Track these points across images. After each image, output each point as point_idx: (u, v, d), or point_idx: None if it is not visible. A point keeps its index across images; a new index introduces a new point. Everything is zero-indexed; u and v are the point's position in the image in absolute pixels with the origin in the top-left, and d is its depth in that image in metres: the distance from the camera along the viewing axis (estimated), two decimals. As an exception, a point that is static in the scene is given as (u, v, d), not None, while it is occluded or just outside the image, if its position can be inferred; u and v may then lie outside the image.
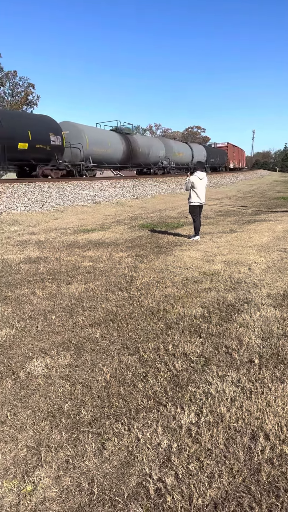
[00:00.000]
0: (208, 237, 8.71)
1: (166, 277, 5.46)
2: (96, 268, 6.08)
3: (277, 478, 1.84)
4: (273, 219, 11.56)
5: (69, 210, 13.69)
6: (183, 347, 3.28)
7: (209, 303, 4.33)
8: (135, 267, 6.06)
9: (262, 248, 7.18)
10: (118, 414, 2.39)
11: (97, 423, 2.31)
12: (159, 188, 22.51)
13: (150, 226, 10.73)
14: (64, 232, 9.78)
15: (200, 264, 6.20)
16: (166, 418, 2.33)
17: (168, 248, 7.60)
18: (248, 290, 4.75)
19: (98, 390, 2.67)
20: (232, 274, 5.51)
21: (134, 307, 4.28)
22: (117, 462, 2.00)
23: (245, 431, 2.18)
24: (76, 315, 4.07)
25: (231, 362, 3.00)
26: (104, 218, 12.59)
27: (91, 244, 8.13)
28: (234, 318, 3.86)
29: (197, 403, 2.47)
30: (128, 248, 7.60)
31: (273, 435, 2.13)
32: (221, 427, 2.22)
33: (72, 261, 6.58)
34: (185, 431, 2.20)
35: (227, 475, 1.86)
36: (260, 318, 3.82)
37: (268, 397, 2.49)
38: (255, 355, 3.07)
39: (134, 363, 3.03)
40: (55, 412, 2.44)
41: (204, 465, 1.94)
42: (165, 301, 4.46)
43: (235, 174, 41.21)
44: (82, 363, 3.05)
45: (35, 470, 1.97)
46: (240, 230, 9.73)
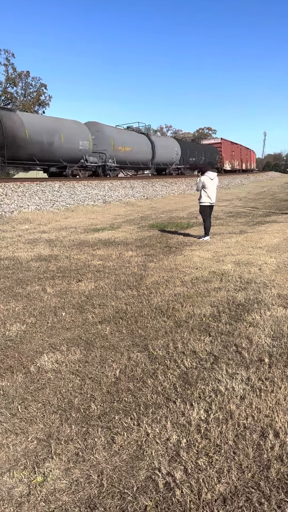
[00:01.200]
0: (218, 238, 8.68)
1: (175, 276, 5.46)
2: (106, 266, 6.11)
3: (286, 475, 1.83)
4: (283, 221, 11.47)
5: (80, 210, 13.78)
6: (192, 345, 3.28)
7: (218, 303, 4.32)
8: (144, 266, 6.08)
9: (272, 249, 7.13)
10: (127, 409, 2.40)
11: (106, 418, 2.33)
12: (169, 188, 22.51)
13: (160, 226, 10.73)
14: (74, 231, 9.85)
15: (209, 264, 6.19)
16: (175, 414, 2.34)
17: (178, 248, 7.59)
18: (258, 290, 4.72)
19: (108, 385, 2.69)
20: (242, 274, 5.49)
21: (144, 305, 4.29)
22: (126, 455, 2.01)
23: (254, 428, 2.17)
24: (86, 312, 4.10)
25: (240, 360, 2.99)
26: (114, 217, 12.63)
27: (101, 243, 8.17)
28: (244, 318, 3.85)
29: (206, 400, 2.47)
30: (137, 248, 7.62)
31: (283, 432, 2.12)
32: (230, 424, 2.21)
33: (82, 259, 6.62)
34: (194, 427, 2.21)
35: (236, 471, 1.86)
36: (270, 318, 3.80)
37: (278, 395, 2.48)
38: (265, 354, 3.06)
39: (143, 360, 3.04)
40: (65, 406, 2.46)
41: (213, 460, 1.94)
42: (174, 299, 4.47)
43: (246, 176, 41.00)
44: (92, 359, 3.07)
45: (45, 462, 2.00)
46: (250, 231, 9.67)
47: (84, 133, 20.23)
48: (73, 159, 19.51)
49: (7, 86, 43.99)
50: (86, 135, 20.18)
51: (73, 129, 19.51)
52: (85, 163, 20.12)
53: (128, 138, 24.26)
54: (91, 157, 20.67)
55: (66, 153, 18.58)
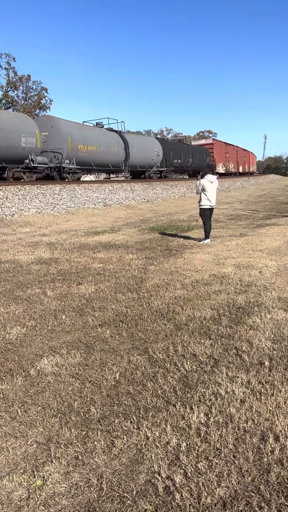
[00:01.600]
0: (218, 241, 8.68)
1: (175, 279, 5.46)
2: (106, 269, 6.11)
3: (286, 478, 1.83)
4: (284, 223, 11.47)
5: (80, 213, 13.80)
6: (192, 348, 3.27)
7: (219, 305, 4.31)
8: (145, 269, 6.08)
9: (273, 252, 7.13)
10: (127, 413, 2.40)
11: (106, 421, 2.33)
12: (169, 191, 22.54)
13: (160, 229, 10.74)
14: (75, 234, 9.86)
15: (210, 266, 6.19)
16: (175, 418, 2.33)
17: (178, 250, 7.60)
18: (258, 293, 4.72)
19: (108, 388, 2.68)
20: (242, 277, 5.48)
21: (144, 308, 4.29)
22: (126, 459, 2.00)
23: (254, 432, 2.17)
24: (86, 315, 4.10)
25: (241, 363, 2.98)
26: (114, 220, 12.65)
27: (101, 246, 8.18)
28: (244, 321, 3.84)
29: (206, 403, 2.47)
30: (138, 250, 7.63)
31: (283, 436, 2.12)
32: (230, 428, 2.21)
33: (82, 262, 6.63)
34: (194, 430, 2.20)
35: (236, 475, 1.86)
36: (271, 321, 3.80)
37: (278, 399, 2.47)
38: (265, 357, 3.05)
39: (143, 363, 3.03)
40: (64, 410, 2.46)
41: (213, 464, 1.93)
42: (174, 302, 4.46)
43: (246, 179, 41.06)
44: (92, 362, 3.07)
45: (44, 466, 1.99)
46: (251, 234, 9.67)
47: (29, 128, 16.49)
48: (14, 159, 16.08)
49: (8, 90, 44.20)
50: (31, 131, 16.50)
51: (12, 122, 15.87)
52: (31, 164, 16.68)
53: (93, 136, 20.46)
54: (39, 157, 17.28)
55: (1, 151, 15.21)
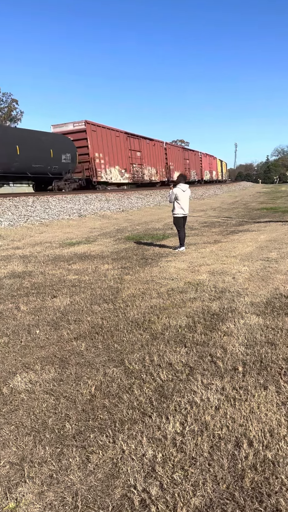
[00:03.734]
0: (193, 248, 8.79)
1: (151, 288, 5.48)
2: (82, 281, 6.07)
3: (260, 483, 1.85)
4: (256, 229, 11.75)
5: (54, 224, 13.67)
6: (168, 357, 3.29)
7: (194, 313, 4.36)
8: (120, 279, 6.07)
9: (245, 258, 7.28)
10: (103, 427, 2.37)
11: (81, 437, 2.29)
12: (144, 200, 22.69)
13: (136, 238, 10.78)
14: (49, 246, 9.75)
15: (185, 274, 6.25)
16: (151, 429, 2.33)
17: (154, 259, 7.64)
18: (232, 299, 4.80)
19: (83, 403, 2.65)
20: (216, 283, 5.57)
21: (120, 319, 4.28)
22: (101, 474, 1.98)
23: (229, 439, 2.19)
24: (61, 329, 4.05)
25: (215, 370, 3.02)
26: (89, 231, 12.60)
27: (77, 257, 8.12)
28: (218, 327, 3.90)
29: (182, 412, 2.48)
30: (114, 261, 7.62)
31: (257, 441, 2.15)
32: (205, 435, 2.22)
33: (57, 274, 6.55)
34: (170, 440, 2.20)
35: (211, 483, 1.87)
36: (244, 326, 3.87)
37: (251, 404, 2.51)
38: (239, 363, 3.10)
39: (119, 375, 3.02)
40: (38, 427, 2.41)
41: (189, 473, 1.94)
42: (150, 312, 4.48)
43: (219, 186, 41.90)
44: (67, 377, 3.03)
45: (18, 487, 1.94)
46: (224, 240, 9.86)
47: None
48: None
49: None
50: None
51: None
52: None
53: None
54: None
55: None
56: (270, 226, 12.38)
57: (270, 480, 1.87)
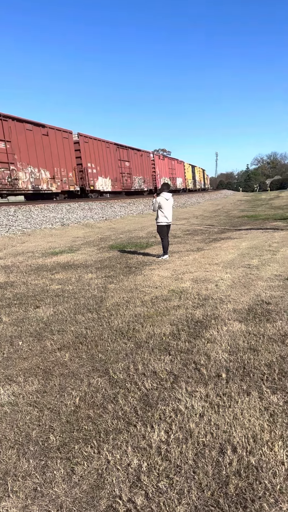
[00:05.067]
0: (176, 256, 8.86)
1: (135, 297, 5.50)
2: (65, 290, 6.03)
3: (244, 489, 1.88)
4: (237, 237, 11.95)
5: (37, 233, 13.55)
6: (152, 365, 3.30)
7: (178, 321, 4.39)
8: (104, 288, 6.07)
9: (228, 265, 7.39)
10: (87, 438, 2.36)
11: (66, 448, 2.27)
12: (127, 209, 22.76)
13: (120, 246, 10.79)
14: (32, 255, 9.65)
15: (169, 282, 6.29)
16: (136, 438, 2.33)
17: (138, 267, 7.66)
18: (215, 306, 4.86)
19: (67, 414, 2.63)
20: (200, 291, 5.63)
21: (104, 328, 4.27)
22: (86, 486, 1.97)
23: (213, 445, 2.21)
24: (44, 340, 4.01)
25: (199, 377, 3.05)
26: (73, 240, 12.54)
27: (60, 266, 8.07)
28: (202, 334, 3.94)
29: (166, 420, 2.49)
30: (97, 269, 7.60)
31: (240, 447, 2.18)
32: (190, 443, 2.24)
33: (40, 284, 6.49)
34: (155, 449, 2.21)
35: (196, 490, 1.88)
36: (227, 333, 3.92)
37: (235, 410, 2.54)
38: (223, 369, 3.14)
39: (103, 385, 3.01)
40: (22, 440, 2.37)
41: (174, 482, 1.95)
42: (135, 320, 4.48)
43: (201, 195, 42.45)
44: (51, 388, 3.00)
45: (1, 501, 1.90)
46: (207, 248, 9.97)
47: None
48: None
49: None
50: None
51: None
52: None
53: None
54: None
55: None
56: (251, 234, 12.61)
57: (253, 485, 1.90)
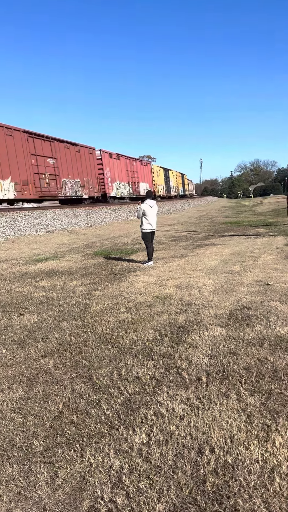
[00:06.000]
0: (161, 262, 8.98)
1: (120, 303, 5.57)
2: (50, 298, 6.06)
3: (220, 486, 1.97)
4: (221, 243, 12.16)
5: (21, 240, 13.49)
6: (135, 370, 3.37)
7: (161, 326, 4.48)
8: (89, 295, 6.12)
9: (211, 271, 7.54)
10: (70, 442, 2.42)
11: (49, 453, 2.33)
12: (113, 215, 22.85)
13: (105, 253, 10.85)
14: (16, 262, 9.62)
15: (153, 288, 6.39)
16: (118, 441, 2.40)
17: (122, 274, 7.74)
18: (197, 311, 4.98)
19: (51, 420, 2.68)
20: (183, 297, 5.74)
21: (88, 335, 4.33)
22: (69, 488, 2.03)
23: (192, 446, 2.30)
24: (28, 347, 4.04)
25: (181, 381, 3.14)
26: (57, 247, 12.53)
27: (44, 274, 8.07)
28: (184, 339, 4.04)
29: (148, 423, 2.57)
30: (82, 276, 7.65)
31: (218, 447, 2.27)
32: (170, 444, 2.32)
33: (24, 292, 6.50)
34: (136, 451, 2.28)
35: (174, 489, 1.96)
36: (208, 338, 4.03)
37: (214, 412, 2.64)
38: (203, 373, 3.24)
39: (87, 391, 3.07)
40: (6, 446, 2.41)
41: (154, 482, 2.03)
42: (119, 327, 4.55)
43: (186, 201, 42.89)
44: (34, 395, 3.04)
45: (-15, 507, 1.94)
46: (191, 254, 10.13)
47: None
48: None
49: None
50: None
51: None
52: None
53: None
54: None
55: None
56: (234, 240, 12.85)
57: (229, 482, 1.99)
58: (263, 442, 2.30)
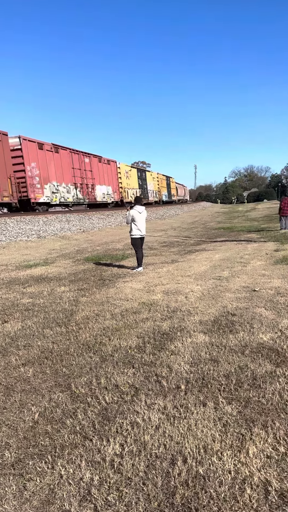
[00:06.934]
0: (151, 268, 8.96)
1: (106, 310, 5.54)
2: (36, 304, 6.01)
3: (190, 499, 1.94)
4: (212, 249, 12.18)
5: (12, 246, 13.42)
6: (115, 379, 3.34)
7: (145, 333, 4.45)
8: (76, 301, 6.08)
9: (199, 277, 7.53)
10: (43, 453, 2.38)
11: (20, 464, 2.28)
12: (106, 221, 22.84)
13: (95, 259, 10.81)
14: (5, 268, 9.56)
15: (140, 295, 6.36)
16: (91, 452, 2.36)
17: (111, 280, 7.70)
18: (182, 318, 4.96)
19: (25, 430, 2.64)
20: (169, 303, 5.72)
21: (71, 342, 4.29)
22: (37, 501, 1.99)
23: (165, 457, 2.27)
24: (9, 355, 3.99)
25: (159, 390, 3.11)
26: (48, 252, 12.48)
27: (33, 280, 8.02)
28: (167, 346, 4.01)
29: (123, 434, 2.53)
30: (70, 282, 7.60)
31: (191, 457, 2.24)
32: (143, 455, 2.29)
33: (10, 298, 6.44)
34: (108, 462, 2.25)
35: (143, 502, 1.93)
36: (191, 345, 4.01)
37: (190, 421, 2.61)
38: (182, 381, 3.21)
39: (64, 400, 3.03)
40: (-24, 458, 2.37)
41: (123, 494, 1.99)
42: (102, 334, 4.52)
43: (180, 207, 43.00)
44: (11, 405, 2.99)
45: None
46: (181, 260, 10.13)
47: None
48: None
49: None
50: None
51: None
52: None
53: None
54: None
55: None
56: (225, 245, 12.88)
57: (199, 494, 1.96)
58: (236, 452, 2.27)
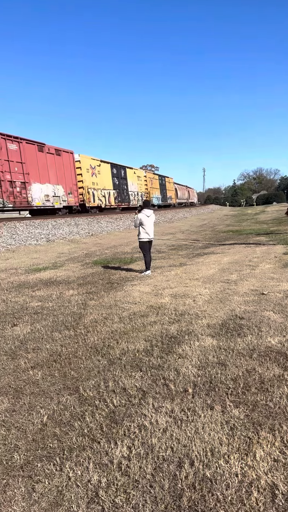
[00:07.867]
0: (159, 271, 8.97)
1: (114, 313, 5.56)
2: (45, 307, 6.07)
3: (197, 501, 1.95)
4: (220, 252, 12.15)
5: (21, 250, 13.56)
6: (123, 382, 3.36)
7: (152, 336, 4.47)
8: (84, 305, 6.12)
9: (207, 280, 7.52)
10: (51, 455, 2.41)
11: (29, 466, 2.31)
12: (114, 224, 22.93)
13: (104, 262, 10.87)
14: (15, 272, 9.66)
15: (148, 298, 6.38)
16: (99, 454, 2.38)
17: (120, 283, 7.74)
18: (190, 321, 4.96)
19: (34, 433, 2.67)
20: (177, 306, 5.73)
21: (80, 345, 4.32)
22: (45, 503, 2.01)
23: (172, 460, 2.28)
24: (19, 358, 4.04)
25: (167, 393, 3.12)
26: (57, 256, 12.58)
27: (42, 283, 8.10)
28: (174, 350, 4.02)
29: (130, 436, 2.55)
30: (79, 286, 7.66)
31: (198, 460, 2.25)
32: (150, 458, 2.30)
33: (20, 302, 6.51)
34: (116, 465, 2.26)
35: (150, 504, 1.94)
36: (198, 348, 4.01)
37: (197, 425, 2.62)
38: (190, 384, 3.22)
39: (72, 403, 3.06)
40: (-14, 460, 2.40)
41: (131, 496, 2.01)
42: (110, 337, 4.55)
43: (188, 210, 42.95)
44: (20, 407, 3.03)
45: None
46: (189, 263, 10.12)
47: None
48: None
49: None
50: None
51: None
52: None
53: None
54: None
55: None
56: (234, 249, 12.83)
57: (206, 497, 1.97)
58: (243, 455, 2.27)
